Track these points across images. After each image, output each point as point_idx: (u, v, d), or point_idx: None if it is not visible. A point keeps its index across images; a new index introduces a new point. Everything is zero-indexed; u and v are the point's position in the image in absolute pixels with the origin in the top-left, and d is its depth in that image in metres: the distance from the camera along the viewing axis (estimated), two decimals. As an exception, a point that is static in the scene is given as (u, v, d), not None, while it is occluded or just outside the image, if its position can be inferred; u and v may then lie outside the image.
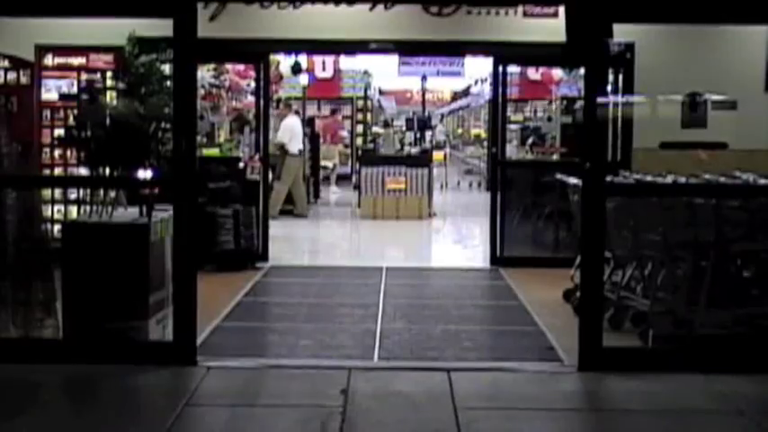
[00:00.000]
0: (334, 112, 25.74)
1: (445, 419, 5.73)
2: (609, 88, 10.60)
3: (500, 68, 11.71)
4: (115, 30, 7.52)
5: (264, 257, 11.42)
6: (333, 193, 21.96)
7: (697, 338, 7.21)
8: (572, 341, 6.92)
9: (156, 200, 7.17)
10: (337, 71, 25.57)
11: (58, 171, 10.74)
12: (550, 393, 6.31)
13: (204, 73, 13.72)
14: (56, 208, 10.28)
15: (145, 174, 7.16)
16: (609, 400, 6.43)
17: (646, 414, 5.97)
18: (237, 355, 7.08)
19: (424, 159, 17.61)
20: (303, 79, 21.63)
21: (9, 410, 5.82)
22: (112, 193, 7.33)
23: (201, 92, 13.22)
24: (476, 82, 27.42)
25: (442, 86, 35.58)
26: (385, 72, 25.80)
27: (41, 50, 10.78)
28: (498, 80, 11.80)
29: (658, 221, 7.50)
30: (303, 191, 17.08)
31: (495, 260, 11.47)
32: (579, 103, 12.62)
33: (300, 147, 16.88)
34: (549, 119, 17.29)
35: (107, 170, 7.19)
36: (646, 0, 6.89)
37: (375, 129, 25.73)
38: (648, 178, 8.04)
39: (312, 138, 20.02)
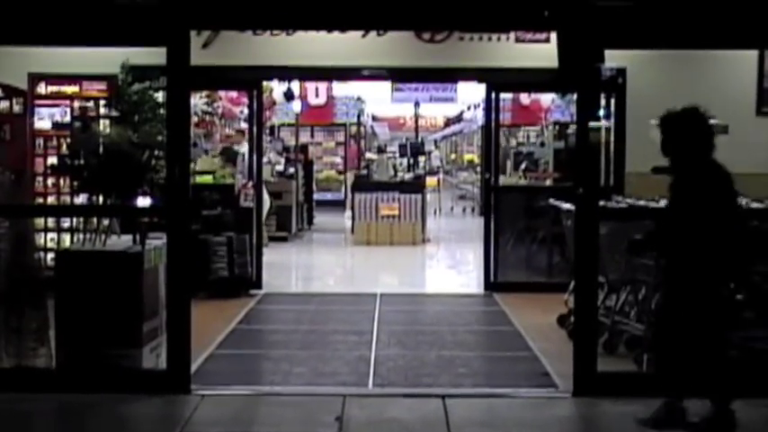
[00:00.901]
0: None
1: (440, 446, 5.72)
2: (601, 113, 10.63)
3: (492, 94, 11.76)
4: (108, 58, 7.53)
5: (258, 285, 11.40)
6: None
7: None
8: (567, 366, 6.91)
9: (149, 227, 7.16)
10: (330, 98, 25.64)
11: (51, 200, 10.73)
12: (545, 419, 6.30)
13: (197, 100, 13.75)
14: (49, 236, 10.25)
15: (138, 201, 7.16)
16: (604, 425, 6.42)
17: (641, 439, 5.96)
18: (232, 383, 7.05)
19: (417, 185, 17.64)
20: (296, 106, 21.68)
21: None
22: (106, 221, 7.32)
23: (195, 119, 13.25)
24: (468, 108, 27.48)
25: (435, 112, 35.63)
26: (378, 98, 25.88)
27: (34, 79, 10.80)
28: (491, 106, 11.84)
29: (652, 246, 7.50)
30: None
31: (489, 285, 11.47)
32: (572, 129, 12.67)
33: None
34: (542, 144, 17.34)
35: (100, 198, 7.19)
36: (637, 26, 6.93)
37: (368, 155, 25.78)
38: (641, 203, 8.05)
39: (305, 164, 20.07)
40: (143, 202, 7.18)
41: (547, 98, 19.55)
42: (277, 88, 19.09)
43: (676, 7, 6.91)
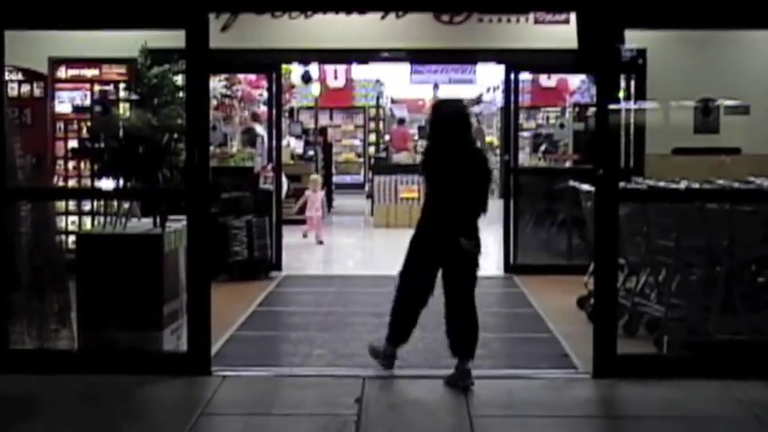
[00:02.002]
0: (401, 122, 25.55)
1: (460, 427, 5.73)
2: (621, 95, 10.58)
3: (512, 76, 11.72)
4: (128, 42, 7.55)
5: (278, 267, 11.44)
6: None
7: (712, 344, 7.18)
8: (586, 348, 6.91)
9: (169, 211, 7.19)
10: (349, 80, 25.61)
11: (71, 183, 10.78)
12: (565, 400, 6.31)
13: (216, 83, 13.76)
14: (70, 219, 10.32)
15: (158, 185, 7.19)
16: (624, 407, 6.41)
17: (661, 421, 5.95)
18: (252, 365, 7.09)
19: (436, 167, 17.55)
20: (315, 89, 21.66)
21: (23, 422, 5.85)
22: (126, 204, 7.36)
23: (214, 102, 13.26)
24: (488, 89, 27.37)
25: (454, 94, 35.47)
26: (397, 80, 25.80)
27: (55, 63, 10.83)
28: (510, 87, 11.81)
29: (672, 227, 7.48)
30: None
31: (509, 268, 11.47)
32: (592, 110, 12.61)
33: None
34: (562, 126, 17.26)
35: (120, 181, 7.22)
36: (657, 6, 6.88)
37: (387, 137, 25.73)
38: (661, 184, 8.02)
39: (324, 147, 20.07)
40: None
41: (573, 79, 19.42)
42: (296, 71, 19.08)
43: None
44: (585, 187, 8.67)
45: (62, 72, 10.92)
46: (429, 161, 6.85)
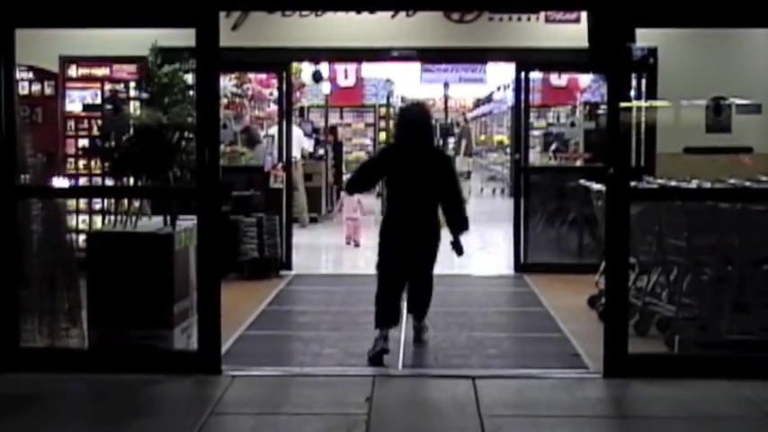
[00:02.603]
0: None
1: (470, 427, 5.72)
2: (632, 93, 10.55)
3: (522, 74, 11.70)
4: (138, 40, 7.55)
5: (288, 266, 11.44)
6: None
7: (723, 344, 7.16)
8: (597, 348, 6.89)
9: (179, 209, 7.19)
10: (359, 79, 25.57)
11: (82, 181, 10.80)
12: (576, 400, 6.29)
13: (227, 82, 13.77)
14: (81, 218, 10.34)
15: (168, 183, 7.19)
16: (635, 406, 6.40)
17: (672, 420, 5.93)
18: (262, 364, 7.09)
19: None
20: (325, 87, 21.66)
21: (34, 420, 5.85)
22: (137, 203, 7.36)
23: (224, 101, 13.28)
24: (498, 88, 27.34)
25: (465, 93, 35.44)
26: (407, 79, 25.78)
27: (65, 61, 10.87)
28: (521, 86, 11.79)
29: (683, 227, 7.46)
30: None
31: (519, 267, 11.45)
32: (602, 109, 12.59)
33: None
34: (573, 124, 17.25)
35: (131, 180, 7.22)
36: (668, 4, 6.86)
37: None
38: (673, 183, 8.00)
39: (335, 146, 20.07)
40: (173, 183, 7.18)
41: (584, 78, 19.39)
42: (306, 70, 19.07)
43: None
44: (596, 186, 8.65)
45: (73, 71, 10.96)
46: (388, 158, 7.81)
